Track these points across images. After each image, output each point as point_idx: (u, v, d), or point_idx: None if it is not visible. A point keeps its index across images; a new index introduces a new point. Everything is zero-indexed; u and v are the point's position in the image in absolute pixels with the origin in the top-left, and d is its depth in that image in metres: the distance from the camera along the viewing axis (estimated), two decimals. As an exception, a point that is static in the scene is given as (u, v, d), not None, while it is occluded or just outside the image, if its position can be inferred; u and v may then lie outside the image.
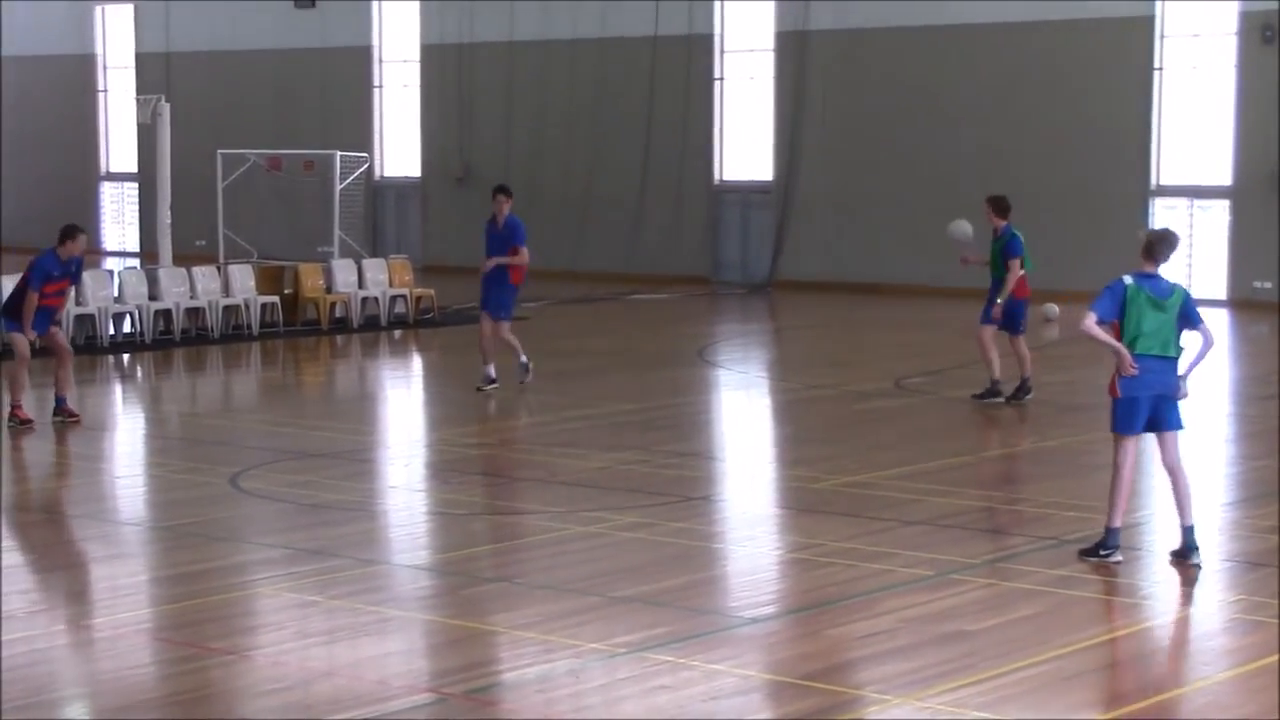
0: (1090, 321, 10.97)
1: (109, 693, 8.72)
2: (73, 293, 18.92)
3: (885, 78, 32.53)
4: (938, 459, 15.31)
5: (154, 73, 40.36)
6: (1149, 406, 11.10)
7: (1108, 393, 11.24)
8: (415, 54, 38.14)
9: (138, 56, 41.70)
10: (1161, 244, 11.12)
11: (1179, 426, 11.26)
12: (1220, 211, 29.77)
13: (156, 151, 28.71)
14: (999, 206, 17.92)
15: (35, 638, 9.56)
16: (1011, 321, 17.93)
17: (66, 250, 16.68)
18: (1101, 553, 11.22)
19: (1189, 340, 11.27)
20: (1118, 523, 11.24)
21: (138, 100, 32.17)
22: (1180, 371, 11.19)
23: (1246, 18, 29.43)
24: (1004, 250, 17.70)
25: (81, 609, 10.39)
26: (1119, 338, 11.04)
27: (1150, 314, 10.99)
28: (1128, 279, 11.11)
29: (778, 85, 33.83)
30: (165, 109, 28.56)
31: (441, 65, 37.49)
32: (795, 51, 33.31)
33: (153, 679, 8.96)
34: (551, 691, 8.59)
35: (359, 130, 38.08)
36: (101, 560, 11.75)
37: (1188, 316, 11.10)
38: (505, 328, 18.97)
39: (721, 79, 34.76)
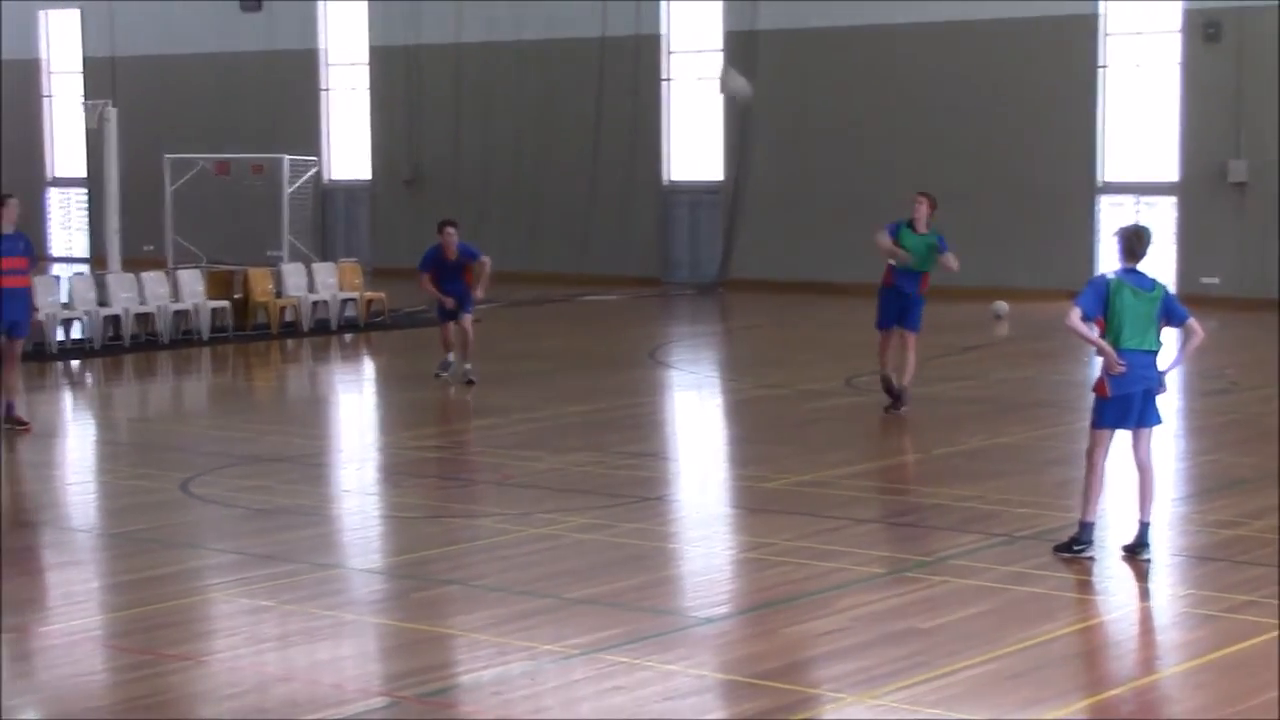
0: (1074, 317, 10.90)
1: (62, 699, 8.68)
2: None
3: (833, 77, 32.65)
4: (889, 457, 15.36)
5: (100, 77, 40.12)
6: (1139, 402, 11.10)
7: (1094, 391, 11.24)
8: (363, 56, 38.06)
9: (84, 61, 41.45)
10: (1137, 239, 11.14)
11: (1157, 421, 11.28)
12: (1167, 208, 29.99)
13: (104, 156, 28.56)
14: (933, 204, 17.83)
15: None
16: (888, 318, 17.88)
17: (2, 220, 16.53)
18: (1075, 548, 11.23)
19: (1169, 337, 11.33)
20: (1092, 517, 11.24)
21: (84, 105, 31.98)
22: (1162, 367, 11.21)
23: (1189, 15, 29.66)
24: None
25: (34, 616, 10.32)
26: (1103, 334, 11.06)
27: (1133, 308, 10.95)
28: (1110, 274, 11.16)
29: (726, 85, 33.92)
30: (112, 114, 28.40)
31: (389, 68, 37.40)
32: (743, 51, 33.39)
33: (106, 685, 8.93)
34: (507, 694, 8.60)
35: (307, 133, 37.94)
36: (54, 567, 11.69)
37: (1170, 312, 11.10)
38: (469, 319, 19.88)
39: (670, 79, 34.81)
